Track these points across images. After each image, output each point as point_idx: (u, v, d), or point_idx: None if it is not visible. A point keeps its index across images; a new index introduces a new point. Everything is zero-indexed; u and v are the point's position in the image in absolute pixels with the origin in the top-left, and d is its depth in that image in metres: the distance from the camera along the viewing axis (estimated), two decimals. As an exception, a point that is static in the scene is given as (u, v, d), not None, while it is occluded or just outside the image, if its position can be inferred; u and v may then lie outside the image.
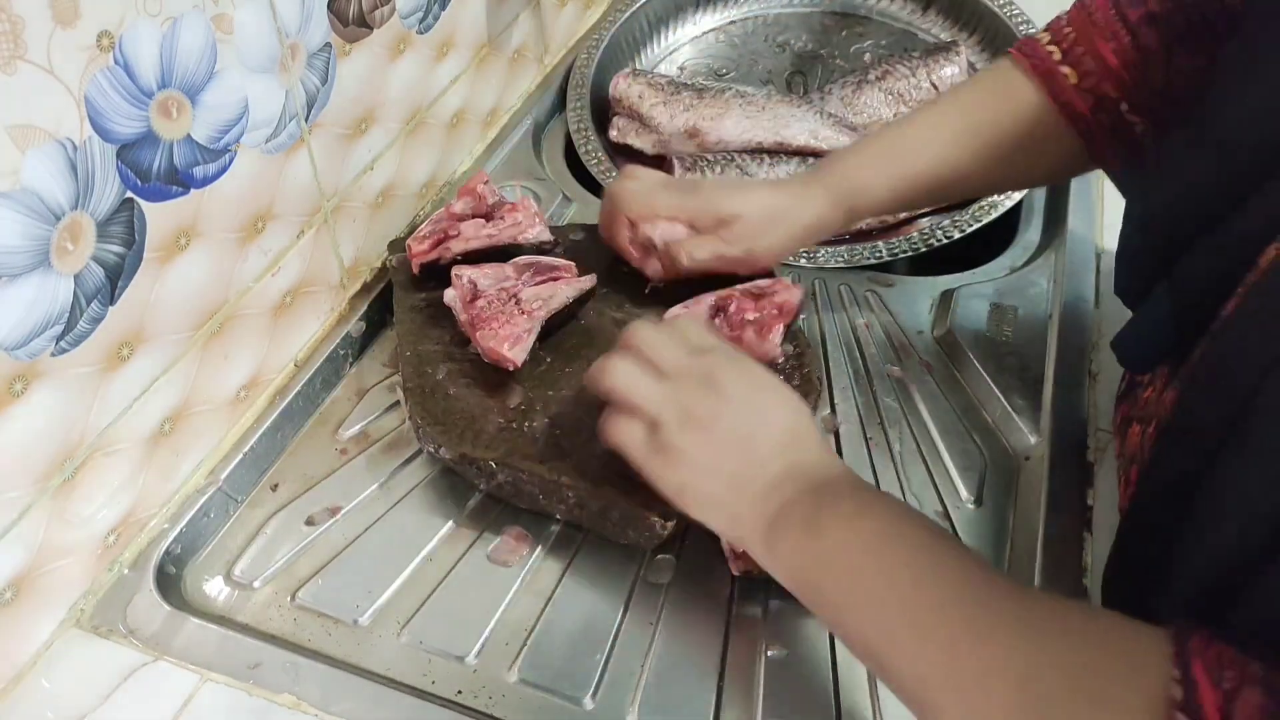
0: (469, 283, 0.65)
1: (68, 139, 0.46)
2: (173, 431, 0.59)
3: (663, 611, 0.57)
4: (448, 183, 0.82)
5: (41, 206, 0.46)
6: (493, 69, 0.84)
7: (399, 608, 0.57)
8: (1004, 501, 0.62)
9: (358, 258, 0.72)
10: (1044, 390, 0.67)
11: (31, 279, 0.46)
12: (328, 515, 0.61)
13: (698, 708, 0.52)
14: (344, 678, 0.53)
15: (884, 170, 0.64)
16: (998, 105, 0.61)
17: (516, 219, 0.70)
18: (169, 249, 0.54)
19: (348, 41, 0.64)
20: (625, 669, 0.54)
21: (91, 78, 0.46)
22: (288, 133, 0.61)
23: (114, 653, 0.54)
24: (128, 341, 0.53)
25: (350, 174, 0.69)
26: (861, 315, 0.74)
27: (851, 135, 0.85)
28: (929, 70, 0.89)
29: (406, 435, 0.65)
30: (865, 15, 1.02)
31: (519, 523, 0.61)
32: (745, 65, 0.98)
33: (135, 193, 0.51)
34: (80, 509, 0.53)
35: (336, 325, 0.71)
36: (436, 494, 0.63)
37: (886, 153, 0.64)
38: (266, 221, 0.61)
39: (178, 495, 0.60)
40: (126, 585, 0.57)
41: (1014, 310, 0.73)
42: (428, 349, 0.65)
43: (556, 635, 0.55)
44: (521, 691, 0.53)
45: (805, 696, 0.53)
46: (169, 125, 0.52)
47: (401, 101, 0.72)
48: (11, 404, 0.47)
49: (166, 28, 0.50)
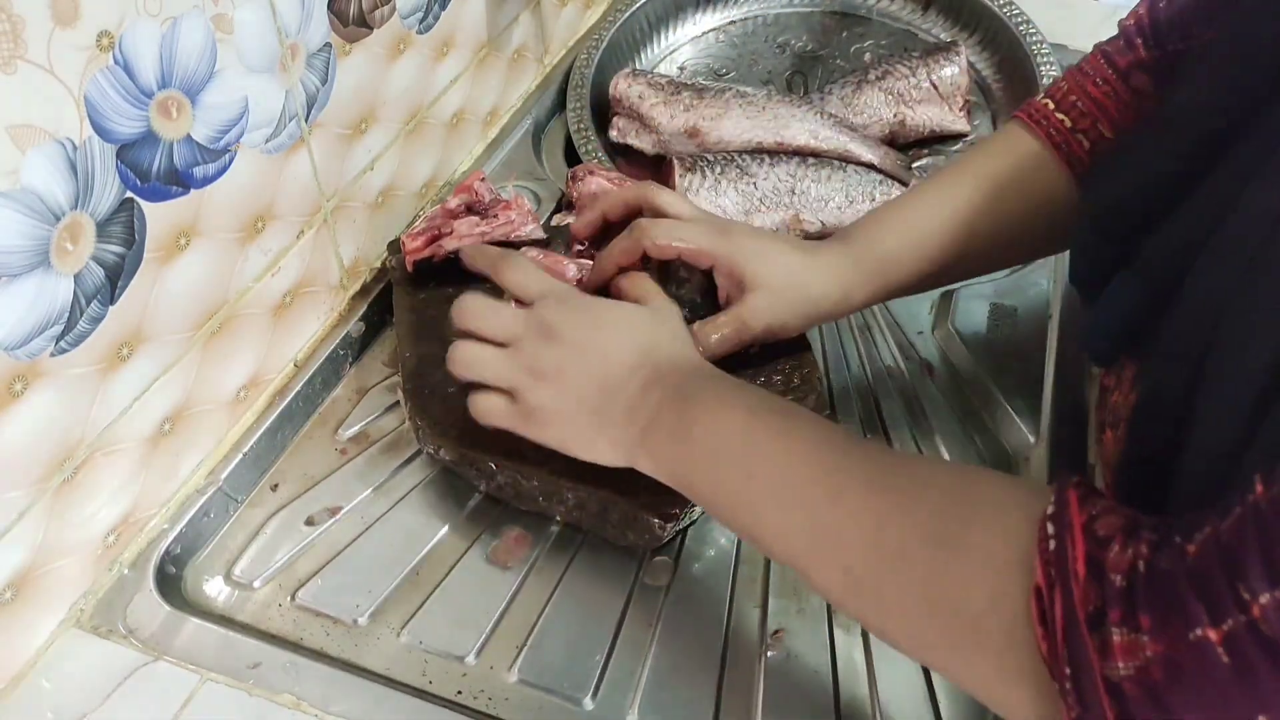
0: None
1: (67, 139, 0.46)
2: (172, 431, 0.59)
3: (662, 612, 0.57)
4: (448, 182, 0.82)
5: (41, 206, 0.46)
6: (493, 69, 0.84)
7: (399, 608, 0.57)
8: (1004, 502, 0.62)
9: (357, 258, 0.72)
10: (1044, 390, 0.67)
11: (31, 279, 0.46)
12: (328, 515, 0.61)
13: (698, 708, 0.52)
14: (344, 678, 0.53)
15: (907, 239, 0.61)
16: (1001, 160, 0.61)
17: (510, 217, 0.70)
18: (169, 249, 0.54)
19: (348, 41, 0.64)
20: (625, 669, 0.54)
21: (91, 77, 0.46)
22: (288, 133, 0.61)
23: (114, 653, 0.54)
24: (127, 341, 0.53)
25: (350, 174, 0.69)
26: (862, 315, 0.74)
27: (851, 135, 0.85)
28: (929, 70, 0.89)
29: (406, 435, 0.65)
30: (865, 15, 1.02)
31: (519, 524, 0.61)
32: (745, 65, 0.98)
33: (135, 192, 0.51)
34: (80, 509, 0.53)
35: (336, 325, 0.71)
36: (436, 494, 0.63)
37: (905, 220, 0.62)
38: (266, 221, 0.61)
39: (178, 495, 0.60)
40: (126, 585, 0.57)
41: (1014, 310, 0.73)
42: (428, 350, 0.65)
43: (556, 635, 0.55)
44: (521, 691, 0.53)
45: (805, 696, 0.53)
46: (169, 125, 0.52)
47: (401, 101, 0.72)
48: (11, 404, 0.47)
49: (166, 28, 0.50)
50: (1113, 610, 0.32)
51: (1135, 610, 0.31)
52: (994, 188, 0.60)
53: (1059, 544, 0.34)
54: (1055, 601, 0.34)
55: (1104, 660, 0.32)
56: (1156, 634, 0.31)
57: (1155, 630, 0.31)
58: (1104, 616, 0.32)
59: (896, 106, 0.89)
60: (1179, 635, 0.30)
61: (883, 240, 0.61)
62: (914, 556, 0.39)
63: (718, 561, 0.59)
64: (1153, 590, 0.31)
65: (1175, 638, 0.30)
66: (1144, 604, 0.31)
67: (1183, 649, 0.30)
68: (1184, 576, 0.31)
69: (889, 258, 0.60)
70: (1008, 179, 0.60)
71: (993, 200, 0.60)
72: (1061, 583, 0.34)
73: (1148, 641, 0.31)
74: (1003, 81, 0.93)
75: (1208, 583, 0.30)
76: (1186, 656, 0.30)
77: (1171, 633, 0.30)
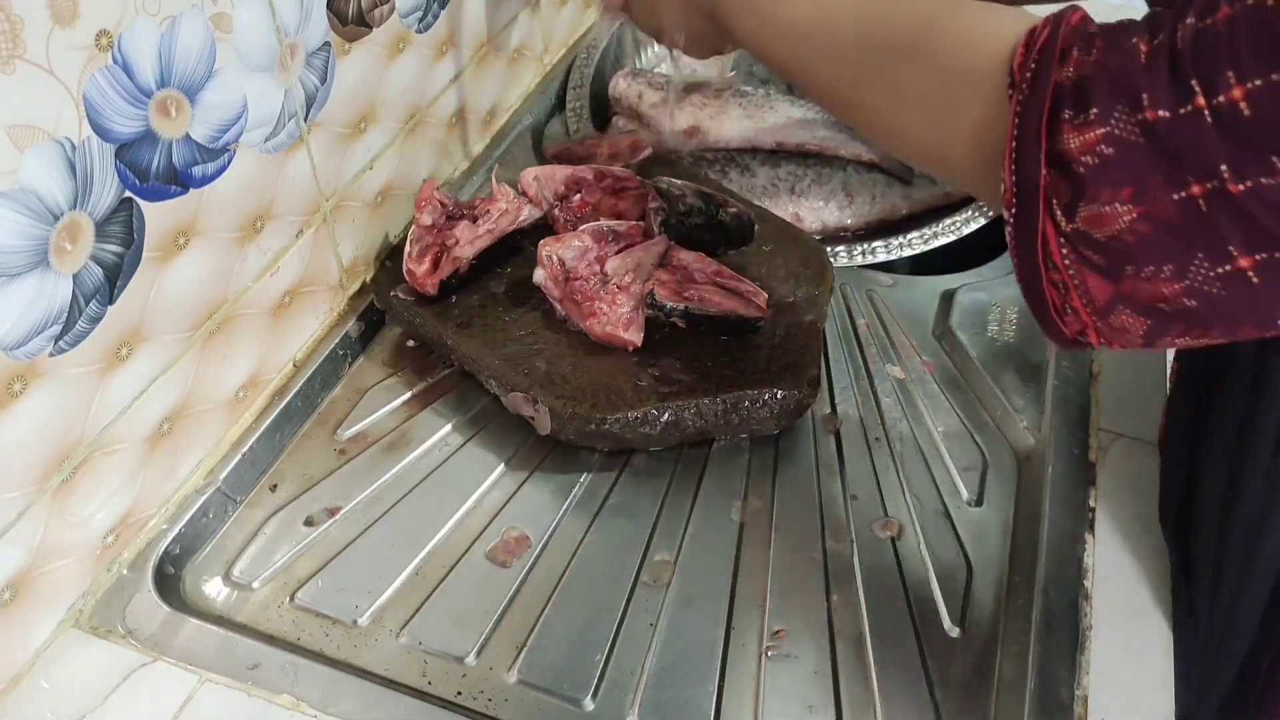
0: (558, 261, 0.66)
1: (66, 138, 0.46)
2: (171, 432, 0.59)
3: (663, 611, 0.56)
4: (447, 182, 0.82)
5: (40, 206, 0.45)
6: (492, 68, 0.84)
7: (398, 608, 0.57)
8: (1004, 502, 0.62)
9: (357, 257, 0.72)
10: (1044, 390, 0.67)
11: (30, 279, 0.46)
12: (327, 516, 0.61)
13: (698, 708, 0.52)
14: (343, 678, 0.53)
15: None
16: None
17: (502, 208, 0.71)
18: (168, 249, 0.54)
19: (347, 40, 0.64)
20: (625, 669, 0.54)
21: (90, 77, 0.46)
22: (287, 132, 0.61)
23: (113, 653, 0.54)
24: (126, 341, 0.53)
25: (349, 173, 0.69)
26: (862, 315, 0.74)
27: (851, 134, 0.85)
28: (929, 70, 0.88)
29: (406, 435, 0.65)
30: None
31: (518, 523, 0.61)
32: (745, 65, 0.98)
33: (134, 192, 0.51)
34: (79, 509, 0.53)
35: (336, 325, 0.71)
36: (435, 495, 0.63)
37: None
38: (265, 221, 0.61)
39: (176, 495, 0.60)
40: (125, 586, 0.57)
41: (1014, 310, 0.73)
42: (514, 349, 0.65)
43: (556, 635, 0.55)
44: (521, 692, 0.53)
45: (805, 696, 0.53)
46: (168, 124, 0.52)
47: (401, 101, 0.72)
48: (10, 404, 0.47)
49: (165, 27, 0.50)
50: (1078, 45, 0.37)
51: (1091, 44, 0.37)
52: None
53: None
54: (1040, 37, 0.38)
55: (1061, 68, 0.37)
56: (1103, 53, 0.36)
57: (1103, 51, 0.36)
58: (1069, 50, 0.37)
59: (896, 106, 0.88)
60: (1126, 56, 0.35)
61: None
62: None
63: (718, 561, 0.59)
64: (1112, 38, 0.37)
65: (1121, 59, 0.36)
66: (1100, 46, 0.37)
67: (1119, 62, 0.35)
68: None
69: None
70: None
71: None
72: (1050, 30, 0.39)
73: (1092, 59, 0.36)
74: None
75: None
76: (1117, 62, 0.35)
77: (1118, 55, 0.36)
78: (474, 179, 0.83)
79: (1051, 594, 0.55)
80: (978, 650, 0.55)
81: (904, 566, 0.58)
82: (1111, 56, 0.36)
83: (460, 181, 0.83)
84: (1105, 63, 0.36)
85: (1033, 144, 0.38)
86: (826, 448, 0.65)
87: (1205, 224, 0.34)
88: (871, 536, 0.60)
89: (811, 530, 0.60)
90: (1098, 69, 0.36)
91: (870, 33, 0.48)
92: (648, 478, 0.63)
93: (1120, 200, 0.35)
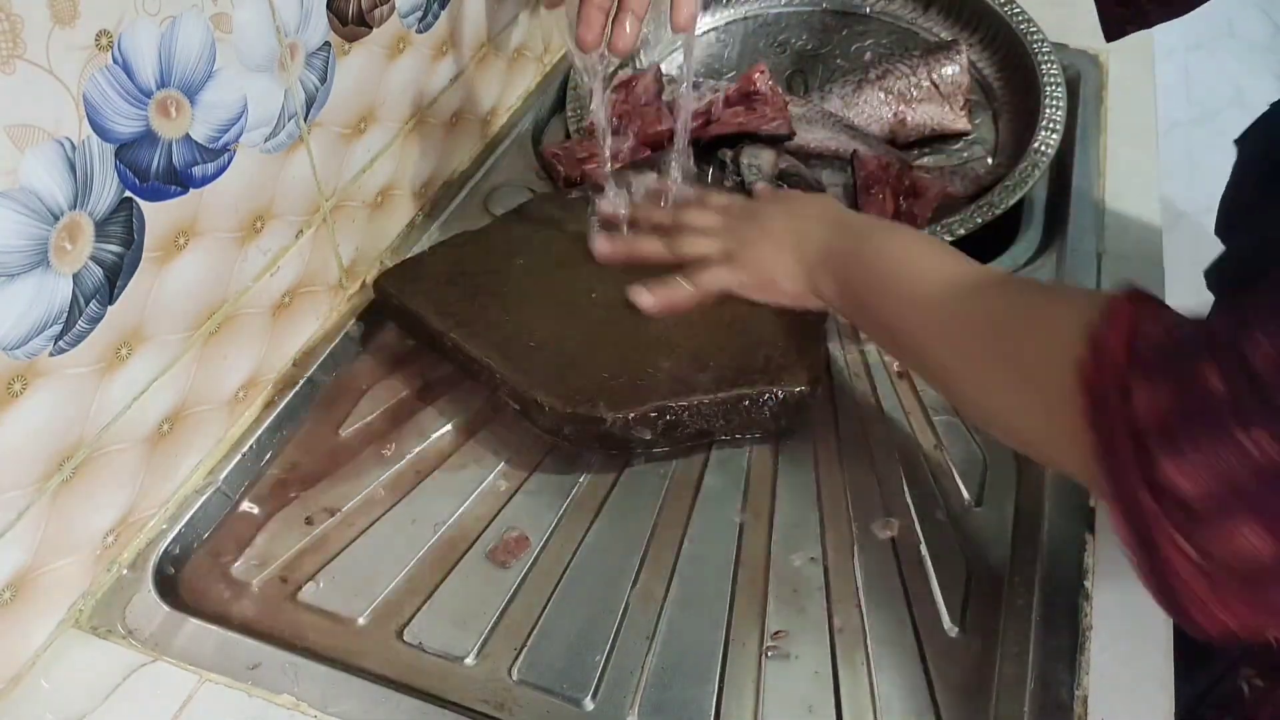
0: None
1: (66, 138, 0.46)
2: (171, 431, 0.59)
3: (663, 611, 0.56)
4: (447, 182, 0.82)
5: (40, 206, 0.45)
6: (492, 68, 0.84)
7: (398, 608, 0.57)
8: (1005, 502, 0.62)
9: (357, 257, 0.72)
10: (1044, 390, 0.66)
11: (30, 278, 0.46)
12: (327, 515, 0.61)
13: (698, 708, 0.52)
14: (343, 678, 0.53)
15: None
16: None
17: (765, 112, 0.81)
18: (168, 248, 0.54)
19: (347, 40, 0.64)
20: (625, 669, 0.54)
21: (90, 77, 0.46)
22: (286, 132, 0.61)
23: (113, 653, 0.54)
24: (126, 341, 0.53)
25: (349, 173, 0.69)
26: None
27: (851, 134, 0.85)
28: (929, 69, 0.89)
29: (406, 435, 0.65)
30: (865, 14, 1.02)
31: (518, 524, 0.61)
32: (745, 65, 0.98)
33: (134, 192, 0.51)
34: (79, 509, 0.53)
35: (336, 325, 0.71)
36: (435, 494, 0.62)
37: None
38: (265, 221, 0.61)
39: (176, 495, 0.60)
40: (125, 586, 0.57)
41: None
42: (514, 348, 0.66)
43: (556, 636, 0.55)
44: (521, 692, 0.53)
45: (805, 696, 0.53)
46: (168, 124, 0.52)
47: (401, 101, 0.72)
48: (10, 404, 0.47)
49: (165, 27, 0.50)
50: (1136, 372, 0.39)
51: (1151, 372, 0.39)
52: None
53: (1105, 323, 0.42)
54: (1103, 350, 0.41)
55: (1127, 408, 0.39)
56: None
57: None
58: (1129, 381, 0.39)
59: (897, 105, 0.89)
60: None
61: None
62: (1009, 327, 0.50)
63: (718, 561, 0.59)
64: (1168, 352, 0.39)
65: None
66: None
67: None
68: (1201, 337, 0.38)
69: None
70: None
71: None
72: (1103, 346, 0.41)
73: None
74: (1003, 80, 0.93)
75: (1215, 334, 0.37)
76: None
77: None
78: (473, 179, 0.83)
79: (1051, 594, 0.55)
80: (978, 650, 0.55)
81: (904, 567, 0.58)
82: (1188, 400, 0.37)
83: (460, 181, 0.83)
84: (1186, 409, 0.37)
85: (1131, 474, 0.39)
86: (826, 447, 0.65)
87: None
88: (871, 536, 0.60)
89: (811, 530, 0.60)
90: (1182, 417, 0.37)
91: (956, 335, 0.54)
92: (648, 478, 0.63)
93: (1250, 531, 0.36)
